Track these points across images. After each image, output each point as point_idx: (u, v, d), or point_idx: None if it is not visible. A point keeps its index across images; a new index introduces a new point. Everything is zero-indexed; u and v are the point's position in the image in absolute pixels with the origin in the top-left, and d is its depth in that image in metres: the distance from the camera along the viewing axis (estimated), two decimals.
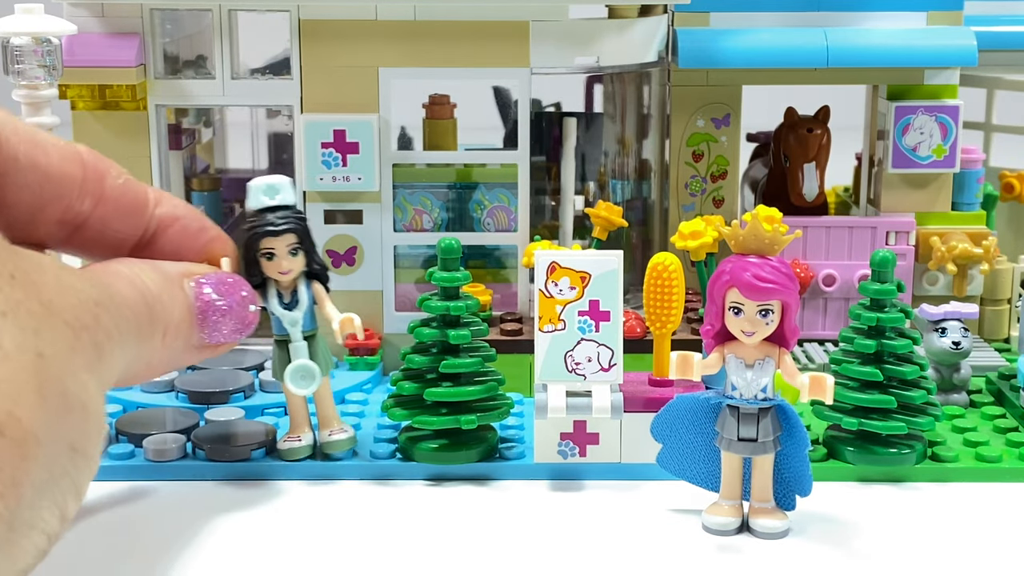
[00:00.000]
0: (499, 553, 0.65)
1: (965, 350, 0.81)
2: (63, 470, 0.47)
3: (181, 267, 0.63)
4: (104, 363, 0.51)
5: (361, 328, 0.72)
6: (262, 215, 0.70)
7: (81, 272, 0.53)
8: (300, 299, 0.71)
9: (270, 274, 0.70)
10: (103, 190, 0.60)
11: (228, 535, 0.66)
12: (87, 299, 0.51)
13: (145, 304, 0.57)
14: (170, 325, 0.60)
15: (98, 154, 0.61)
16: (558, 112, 1.08)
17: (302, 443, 0.74)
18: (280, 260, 0.70)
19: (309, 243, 0.71)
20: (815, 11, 0.95)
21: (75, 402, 0.47)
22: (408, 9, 0.86)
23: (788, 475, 0.67)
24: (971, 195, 0.99)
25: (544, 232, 0.99)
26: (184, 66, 0.95)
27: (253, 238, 0.69)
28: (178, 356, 0.63)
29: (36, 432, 0.44)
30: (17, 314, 0.45)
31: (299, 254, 0.70)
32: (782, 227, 0.76)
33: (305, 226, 0.71)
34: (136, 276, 0.58)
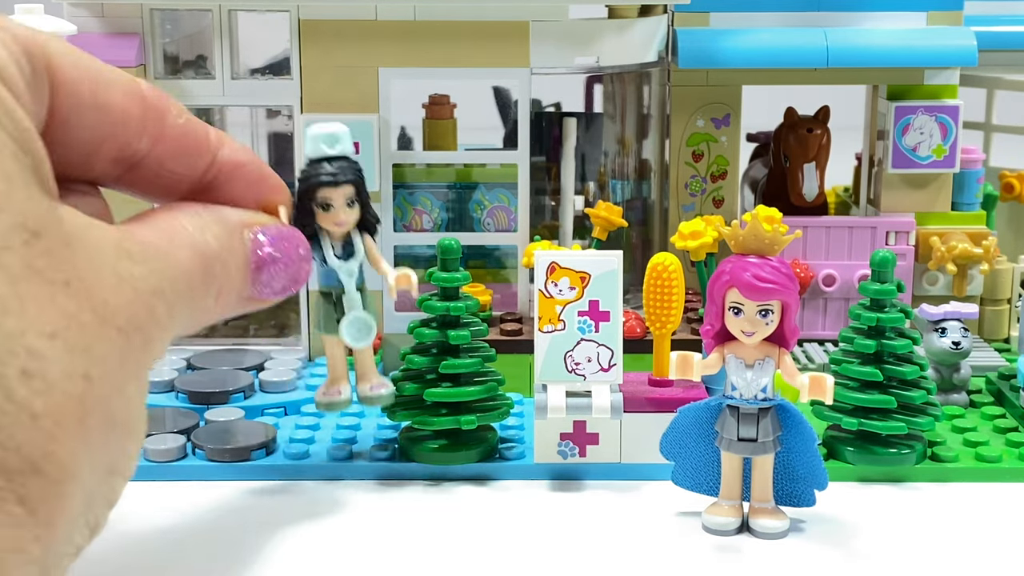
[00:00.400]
0: (499, 553, 0.65)
1: (965, 350, 0.81)
2: (100, 495, 0.46)
3: (242, 215, 0.60)
4: (151, 354, 0.49)
5: (416, 286, 0.70)
6: (320, 164, 0.67)
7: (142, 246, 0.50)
8: (356, 250, 0.69)
9: (324, 225, 0.68)
10: (163, 129, 0.57)
11: (228, 535, 0.66)
12: (144, 290, 0.48)
13: (204, 268, 0.55)
14: (225, 285, 0.57)
15: (160, 91, 0.58)
16: (558, 112, 1.08)
17: (342, 396, 0.72)
18: (337, 212, 0.67)
19: (366, 195, 0.69)
20: (815, 11, 0.95)
21: (118, 422, 0.46)
22: (408, 9, 0.86)
23: (802, 472, 0.67)
24: (971, 195, 0.99)
25: (544, 232, 0.99)
26: (184, 66, 0.95)
27: (310, 187, 0.67)
28: (229, 309, 0.60)
29: (76, 468, 0.43)
30: (68, 333, 0.43)
31: (355, 206, 0.68)
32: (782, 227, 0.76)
33: (363, 177, 0.68)
34: (200, 233, 0.55)
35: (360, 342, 0.70)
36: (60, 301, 0.43)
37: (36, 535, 0.41)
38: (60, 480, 0.42)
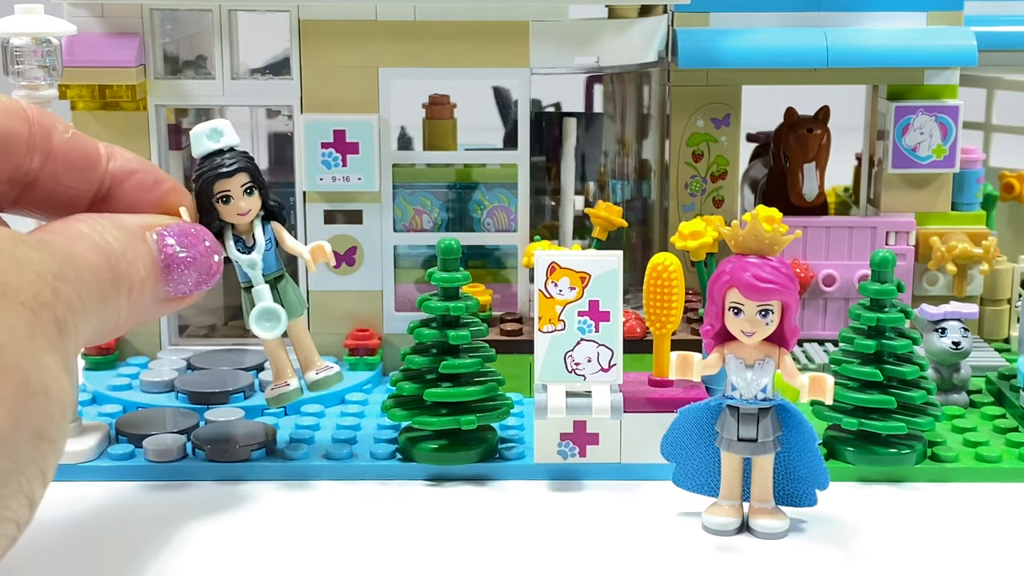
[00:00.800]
0: (499, 553, 0.65)
1: (965, 350, 0.81)
2: (28, 458, 0.46)
3: (142, 219, 0.61)
4: (67, 337, 0.50)
5: (332, 255, 0.71)
6: (210, 159, 0.68)
7: (39, 241, 0.52)
8: (257, 241, 0.69)
9: (228, 218, 0.69)
10: (51, 146, 0.59)
11: (228, 536, 0.66)
12: (45, 272, 0.50)
13: (108, 265, 0.56)
14: (135, 282, 0.58)
15: (43, 109, 0.59)
16: (558, 112, 1.08)
17: (290, 387, 0.73)
18: (236, 202, 0.68)
19: (261, 180, 0.69)
20: (815, 11, 0.95)
21: (37, 388, 0.46)
22: (408, 9, 0.86)
23: (803, 471, 0.67)
24: (971, 195, 0.99)
25: (544, 232, 0.99)
26: (184, 66, 0.95)
27: (205, 183, 0.67)
28: (145, 311, 0.61)
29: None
30: None
31: (254, 193, 0.69)
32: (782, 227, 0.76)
33: (254, 164, 0.69)
34: (98, 234, 0.56)
35: (269, 333, 0.70)
36: None
37: None
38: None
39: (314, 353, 0.74)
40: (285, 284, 0.72)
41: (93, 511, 0.69)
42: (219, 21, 0.87)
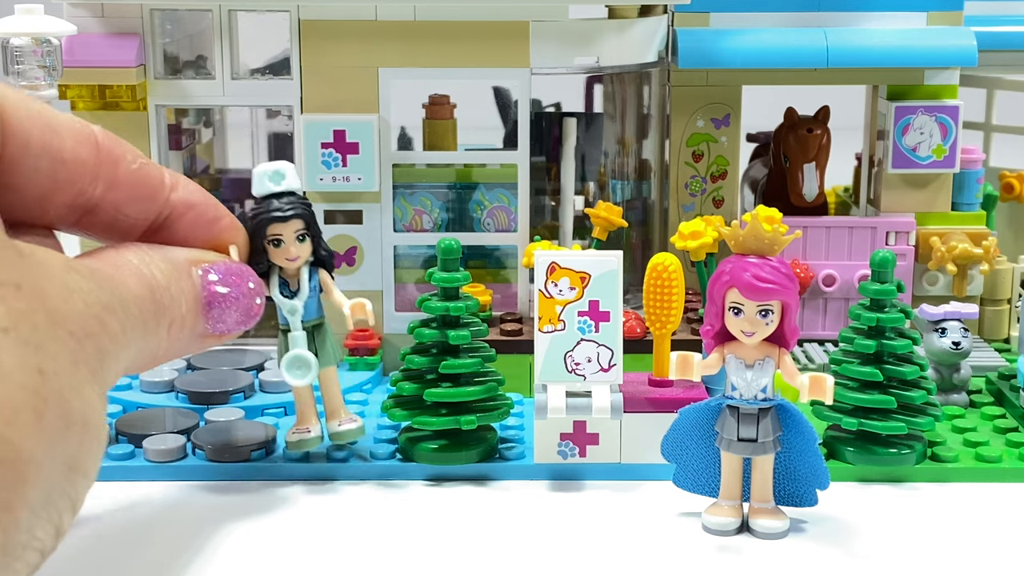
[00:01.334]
0: (499, 553, 0.65)
1: (965, 350, 0.81)
2: (60, 489, 0.46)
3: (189, 254, 0.62)
4: (107, 368, 0.50)
5: (372, 314, 0.71)
6: (268, 201, 0.69)
7: (89, 269, 0.52)
8: (302, 287, 0.70)
9: (277, 261, 0.69)
10: (117, 175, 0.58)
11: (228, 536, 0.66)
12: (94, 303, 0.50)
13: (152, 298, 0.56)
14: (176, 317, 0.59)
15: (114, 137, 0.59)
16: (558, 112, 1.08)
17: (311, 435, 0.73)
18: (288, 247, 0.69)
19: (316, 229, 0.70)
20: (815, 11, 0.95)
21: (76, 419, 0.46)
22: (408, 9, 0.86)
23: (803, 471, 0.67)
24: (971, 195, 0.99)
25: (544, 232, 0.99)
26: (184, 66, 0.95)
27: (259, 224, 0.68)
28: (183, 346, 0.61)
29: (33, 455, 0.43)
30: (20, 329, 0.44)
31: (306, 240, 0.69)
32: (782, 227, 0.76)
33: (311, 212, 0.70)
34: (145, 266, 0.57)
35: (299, 380, 0.71)
36: (11, 301, 0.45)
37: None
38: (16, 466, 0.43)
39: (341, 404, 0.74)
40: (324, 332, 0.72)
41: (93, 511, 0.69)
42: (219, 21, 0.87)
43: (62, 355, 0.46)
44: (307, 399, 0.74)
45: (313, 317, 0.72)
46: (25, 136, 0.53)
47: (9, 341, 0.44)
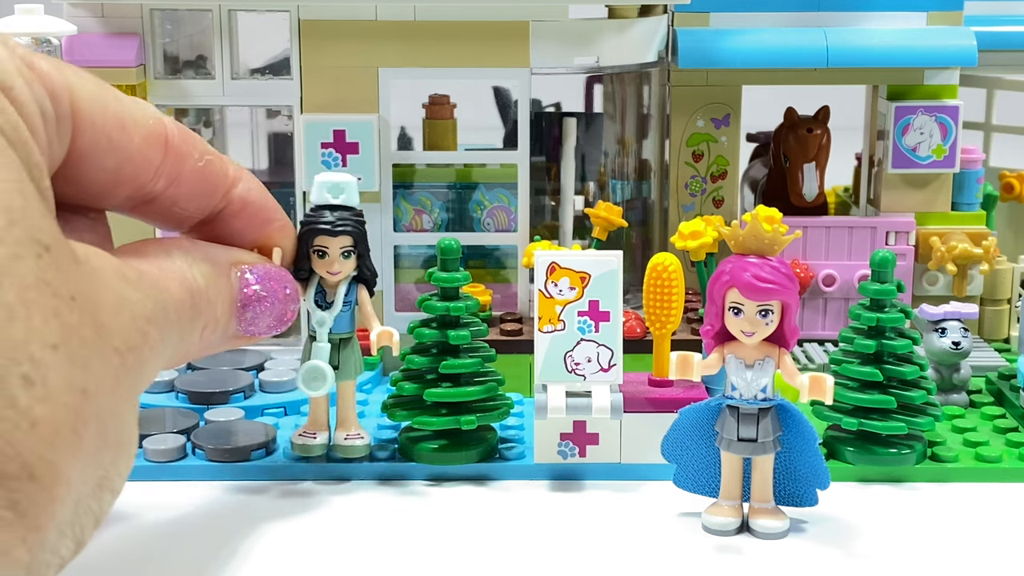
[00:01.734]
0: (499, 553, 0.65)
1: (965, 350, 0.81)
2: (87, 507, 0.46)
3: (231, 255, 0.61)
4: (144, 378, 0.50)
5: (399, 345, 0.71)
6: (321, 211, 0.69)
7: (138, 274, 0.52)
8: (336, 301, 0.70)
9: (318, 271, 0.70)
10: (181, 172, 0.58)
11: (228, 536, 0.66)
12: (140, 315, 0.50)
13: (192, 303, 0.56)
14: (210, 320, 0.59)
15: (185, 132, 0.58)
16: (558, 112, 1.08)
17: (316, 441, 0.73)
18: (332, 260, 0.69)
19: (364, 247, 0.70)
20: (815, 11, 0.95)
21: (111, 439, 0.46)
22: (408, 9, 0.86)
23: (804, 471, 0.67)
24: (971, 195, 0.99)
25: (544, 232, 0.99)
26: (184, 66, 0.95)
27: (308, 233, 0.69)
28: (214, 345, 0.61)
29: (68, 475, 0.43)
30: (69, 345, 0.44)
31: (351, 257, 0.70)
32: (782, 227, 0.76)
33: (362, 230, 0.70)
34: (188, 269, 0.57)
35: (311, 391, 0.71)
36: (64, 314, 0.44)
37: (23, 538, 0.41)
38: (52, 487, 0.42)
39: (352, 418, 0.74)
40: (351, 346, 0.72)
41: None
42: (219, 21, 0.87)
43: (106, 373, 0.46)
44: (322, 405, 0.74)
45: (344, 331, 0.72)
46: (96, 134, 0.53)
47: (58, 358, 0.43)
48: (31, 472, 0.41)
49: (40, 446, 0.42)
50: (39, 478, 0.42)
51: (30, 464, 0.41)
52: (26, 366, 0.41)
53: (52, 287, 0.44)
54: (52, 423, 0.42)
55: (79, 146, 0.52)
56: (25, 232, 0.43)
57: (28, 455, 0.41)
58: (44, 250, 0.44)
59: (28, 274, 0.43)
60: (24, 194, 0.44)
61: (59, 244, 0.45)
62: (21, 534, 0.41)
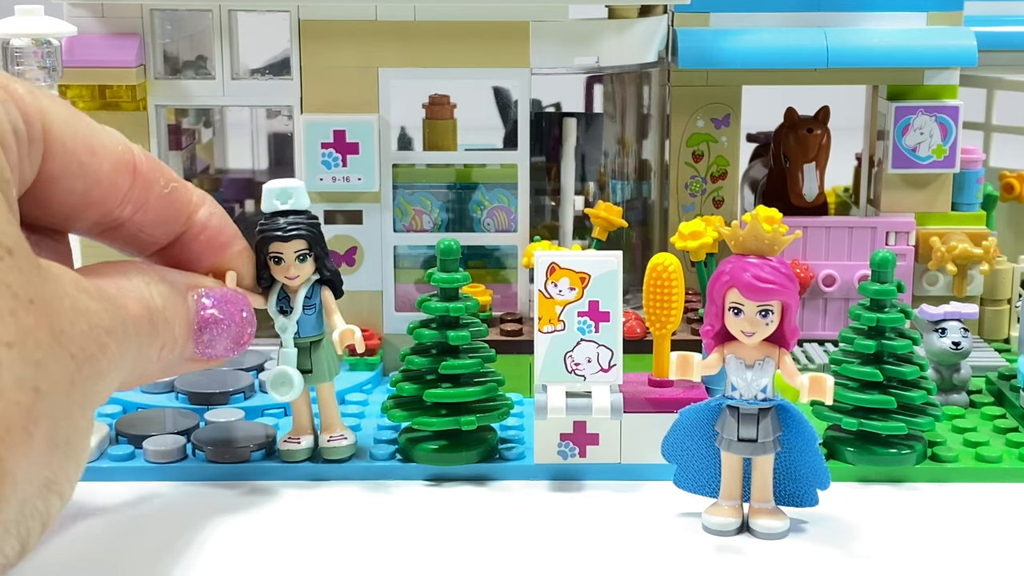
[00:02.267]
0: (499, 553, 0.65)
1: (965, 350, 0.81)
2: (33, 507, 0.46)
3: (188, 279, 0.63)
4: (100, 389, 0.51)
5: (361, 340, 0.72)
6: (273, 219, 0.70)
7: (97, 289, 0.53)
8: (295, 305, 0.71)
9: (277, 277, 0.70)
10: (148, 199, 0.60)
11: (228, 536, 0.66)
12: (97, 326, 0.50)
13: (149, 320, 0.57)
14: (168, 340, 0.60)
15: (153, 161, 0.60)
16: (558, 112, 1.08)
17: (301, 446, 0.74)
18: (288, 266, 0.70)
19: (320, 249, 0.71)
20: (815, 11, 0.95)
21: (61, 440, 0.47)
22: (408, 9, 0.86)
23: (804, 471, 0.67)
24: (971, 195, 0.99)
25: (544, 232, 0.99)
26: (184, 66, 0.95)
27: (262, 241, 0.69)
28: (171, 367, 0.63)
29: (14, 473, 0.44)
30: (24, 345, 0.45)
31: (307, 260, 0.70)
32: (782, 227, 0.76)
33: (316, 232, 0.70)
34: (146, 288, 0.58)
35: (280, 396, 0.72)
36: (21, 316, 0.45)
37: None
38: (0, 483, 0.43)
39: (336, 420, 0.74)
40: (321, 348, 0.73)
41: (93, 512, 0.69)
42: (219, 21, 0.87)
43: (60, 377, 0.47)
44: (303, 409, 0.74)
45: (311, 334, 0.72)
46: (66, 158, 0.54)
47: (12, 357, 0.44)
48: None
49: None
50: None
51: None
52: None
53: (12, 289, 0.45)
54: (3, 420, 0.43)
55: (49, 168, 0.53)
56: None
57: None
58: (6, 253, 0.45)
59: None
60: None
61: (21, 249, 0.46)
62: None
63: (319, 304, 0.72)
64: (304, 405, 0.74)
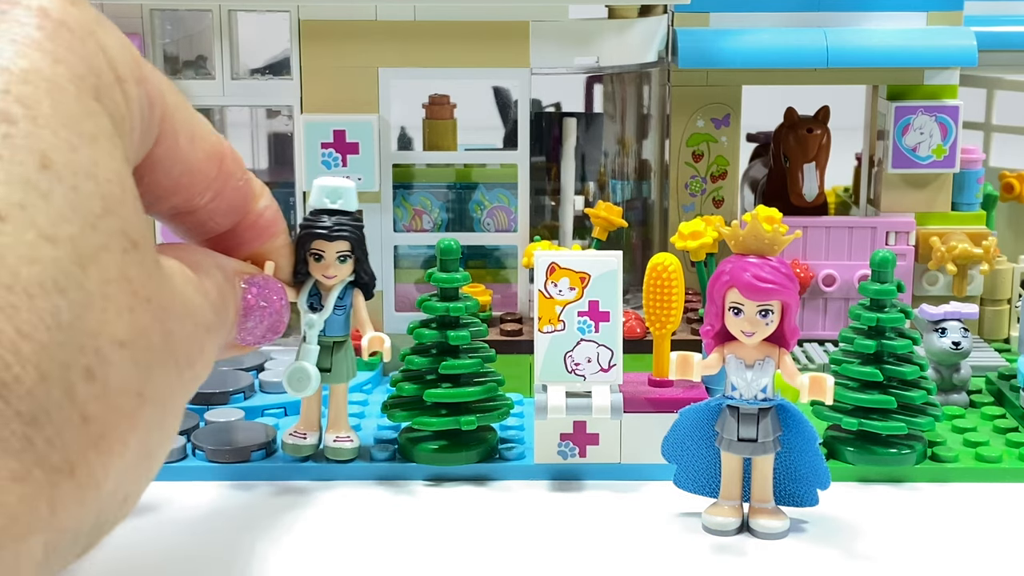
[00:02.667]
0: (499, 553, 0.65)
1: (965, 350, 0.81)
2: (106, 519, 0.45)
3: (236, 265, 0.62)
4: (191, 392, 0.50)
5: (390, 351, 0.72)
6: (320, 216, 0.70)
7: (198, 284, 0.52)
8: (328, 304, 0.71)
9: (315, 274, 0.70)
10: (225, 189, 0.59)
11: (228, 536, 0.66)
12: (201, 324, 0.50)
13: (224, 310, 0.57)
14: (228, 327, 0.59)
15: (235, 153, 0.60)
16: (558, 112, 1.08)
17: (306, 441, 0.73)
18: (327, 264, 0.70)
19: (361, 252, 0.70)
20: (815, 11, 0.95)
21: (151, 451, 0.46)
22: (408, 9, 0.86)
23: (804, 471, 0.67)
24: (971, 195, 0.99)
25: (544, 232, 0.99)
26: (184, 66, 0.95)
27: (306, 237, 0.69)
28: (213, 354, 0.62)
29: (103, 482, 0.42)
30: (136, 347, 0.43)
31: (348, 261, 0.70)
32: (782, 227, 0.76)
33: (360, 235, 0.70)
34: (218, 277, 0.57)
35: (296, 391, 0.71)
36: (139, 314, 0.44)
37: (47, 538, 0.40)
38: (87, 488, 0.41)
39: (343, 421, 0.74)
40: (344, 349, 0.73)
41: None
42: (219, 21, 0.87)
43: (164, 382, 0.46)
44: (314, 406, 0.74)
45: (337, 334, 0.72)
46: (172, 143, 0.53)
47: (123, 356, 0.43)
48: (72, 468, 0.40)
49: (86, 445, 0.41)
50: (77, 478, 0.41)
51: (72, 460, 0.40)
52: (91, 358, 0.41)
53: (133, 285, 0.43)
54: (102, 423, 0.42)
55: (155, 152, 0.53)
56: (117, 223, 0.43)
57: (73, 451, 0.40)
58: (132, 245, 0.44)
59: (112, 266, 0.42)
60: (123, 186, 0.44)
61: (146, 243, 0.45)
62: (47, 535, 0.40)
63: (349, 306, 0.72)
64: (315, 402, 0.74)
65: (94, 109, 0.44)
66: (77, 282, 0.41)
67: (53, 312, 0.39)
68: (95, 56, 0.46)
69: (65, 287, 0.40)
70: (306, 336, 0.71)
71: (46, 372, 0.39)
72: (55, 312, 0.40)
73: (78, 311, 0.40)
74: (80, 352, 0.40)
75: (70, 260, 0.41)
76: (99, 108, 0.45)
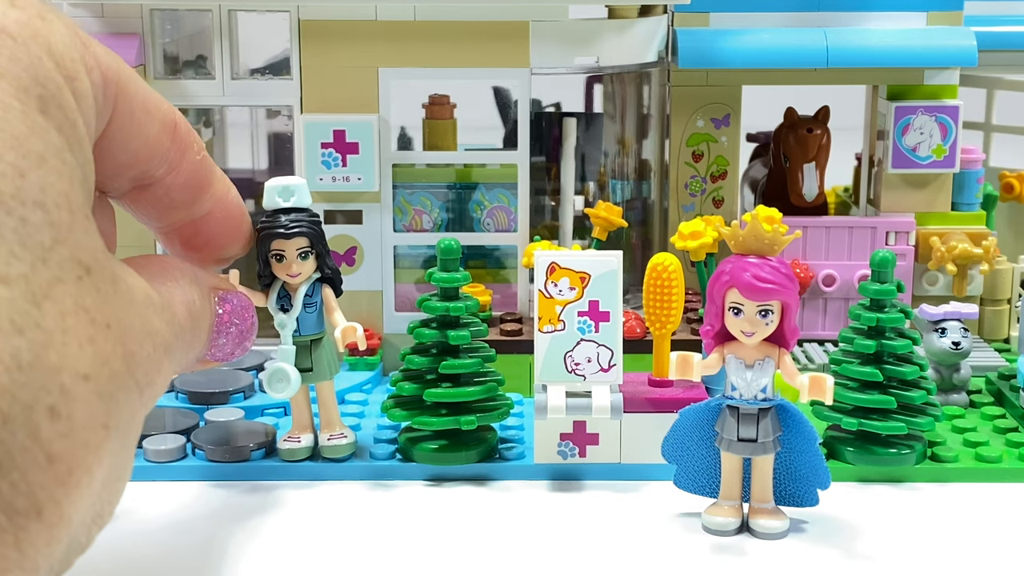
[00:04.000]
0: (499, 553, 0.65)
1: (965, 350, 0.81)
2: (78, 543, 0.45)
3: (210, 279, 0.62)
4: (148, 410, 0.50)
5: (363, 338, 0.72)
6: (276, 216, 0.70)
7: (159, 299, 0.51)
8: (295, 303, 0.71)
9: (278, 275, 0.70)
10: (181, 162, 0.59)
11: (228, 536, 0.66)
12: (160, 344, 0.49)
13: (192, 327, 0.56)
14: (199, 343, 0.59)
15: (188, 124, 0.59)
16: (558, 112, 1.08)
17: (301, 444, 0.74)
18: (289, 263, 0.70)
19: (321, 247, 0.71)
20: (815, 11, 0.95)
21: (117, 475, 0.46)
22: (408, 9, 0.86)
23: (804, 471, 0.67)
24: (971, 195, 0.99)
25: (544, 232, 0.99)
26: (184, 66, 0.95)
27: (264, 239, 0.69)
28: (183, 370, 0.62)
29: (71, 517, 0.42)
30: (99, 377, 0.42)
31: (309, 258, 0.70)
32: (782, 227, 0.76)
33: (318, 230, 0.70)
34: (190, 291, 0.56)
35: (276, 393, 0.72)
36: (99, 343, 0.43)
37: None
38: (56, 527, 0.41)
39: (335, 419, 0.74)
40: (322, 346, 0.73)
41: None
42: (219, 21, 0.87)
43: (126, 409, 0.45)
44: (303, 407, 0.74)
45: (312, 332, 0.72)
46: (128, 118, 0.52)
47: (87, 390, 0.42)
48: (39, 510, 0.40)
49: (53, 484, 0.40)
50: (45, 518, 0.40)
51: (39, 502, 0.40)
52: (55, 396, 0.40)
53: (90, 314, 0.42)
54: (69, 461, 0.41)
55: (111, 128, 0.52)
56: (69, 252, 0.42)
57: (39, 492, 0.40)
58: (85, 272, 0.43)
59: (67, 299, 0.41)
60: (72, 208, 0.43)
61: (99, 265, 0.44)
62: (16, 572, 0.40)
63: (320, 302, 0.72)
64: (304, 404, 0.74)
65: (41, 125, 0.43)
66: (34, 321, 0.40)
67: (13, 354, 0.39)
68: (39, 63, 0.44)
69: (22, 327, 0.39)
70: (281, 338, 0.72)
71: (8, 415, 0.38)
72: (15, 354, 0.39)
73: (38, 350, 0.39)
74: (43, 391, 0.40)
75: (24, 299, 0.40)
76: (46, 123, 0.43)
